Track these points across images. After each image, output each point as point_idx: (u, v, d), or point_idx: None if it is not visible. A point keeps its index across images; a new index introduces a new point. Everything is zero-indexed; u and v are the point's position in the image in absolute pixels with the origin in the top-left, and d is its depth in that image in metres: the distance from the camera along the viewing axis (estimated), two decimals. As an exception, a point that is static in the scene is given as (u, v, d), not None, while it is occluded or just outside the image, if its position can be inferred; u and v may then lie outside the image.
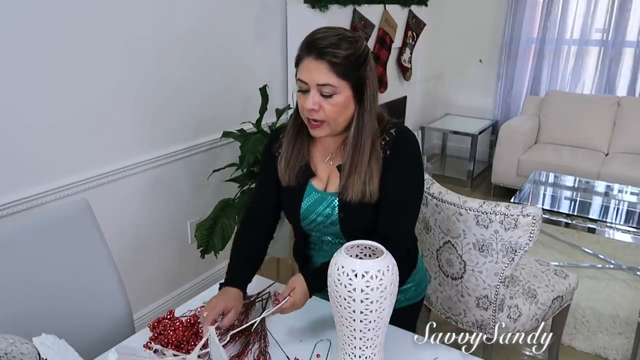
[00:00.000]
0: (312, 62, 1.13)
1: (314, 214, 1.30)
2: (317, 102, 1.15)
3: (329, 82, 1.13)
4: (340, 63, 1.13)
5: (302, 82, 1.16)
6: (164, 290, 2.54)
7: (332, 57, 1.12)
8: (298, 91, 1.19)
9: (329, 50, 1.12)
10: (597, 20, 4.09)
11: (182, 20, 2.32)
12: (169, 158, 2.39)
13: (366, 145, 1.19)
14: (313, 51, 1.14)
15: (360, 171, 1.19)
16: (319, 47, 1.13)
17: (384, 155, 1.22)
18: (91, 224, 1.38)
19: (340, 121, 1.19)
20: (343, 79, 1.14)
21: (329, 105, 1.15)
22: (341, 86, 1.14)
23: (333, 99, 1.15)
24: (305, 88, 1.16)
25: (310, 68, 1.14)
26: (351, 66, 1.14)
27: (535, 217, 1.62)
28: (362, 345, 1.01)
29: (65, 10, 1.86)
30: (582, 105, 4.05)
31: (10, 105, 1.77)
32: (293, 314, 1.30)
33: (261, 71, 2.83)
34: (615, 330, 2.47)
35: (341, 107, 1.16)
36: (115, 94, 2.10)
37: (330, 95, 1.14)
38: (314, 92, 1.15)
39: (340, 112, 1.17)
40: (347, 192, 1.22)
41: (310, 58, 1.14)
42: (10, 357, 0.86)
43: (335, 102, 1.15)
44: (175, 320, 1.19)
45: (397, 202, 1.23)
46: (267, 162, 1.37)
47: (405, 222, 1.26)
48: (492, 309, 1.78)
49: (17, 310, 1.21)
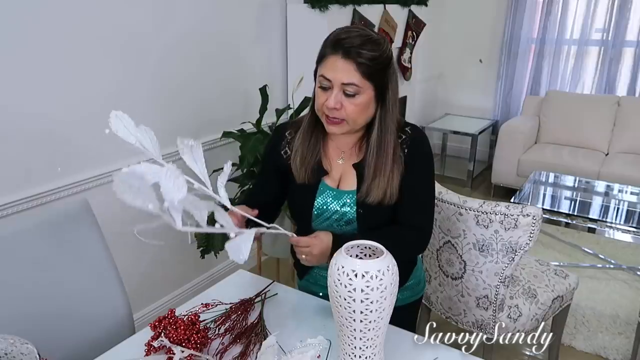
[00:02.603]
0: (338, 61, 1.13)
1: (329, 212, 1.29)
2: (339, 101, 1.15)
3: (354, 82, 1.13)
4: (366, 64, 1.13)
5: (325, 79, 1.16)
6: (164, 290, 2.54)
7: (359, 57, 1.12)
8: (318, 87, 1.19)
9: (356, 50, 1.12)
10: (597, 20, 4.09)
11: (182, 20, 2.32)
12: (169, 158, 2.37)
13: (389, 147, 1.21)
14: (339, 50, 1.13)
15: (385, 174, 1.21)
16: (345, 47, 1.13)
17: (402, 153, 1.24)
18: (91, 224, 1.38)
19: (359, 121, 1.19)
20: (367, 80, 1.14)
21: (350, 104, 1.15)
22: (365, 87, 1.15)
23: (355, 99, 1.15)
24: (327, 85, 1.16)
25: (336, 66, 1.14)
26: (376, 68, 1.14)
27: (535, 217, 1.62)
28: (362, 345, 1.01)
29: (64, 10, 1.86)
30: (582, 105, 4.05)
31: (11, 105, 1.77)
32: (293, 313, 1.31)
33: (261, 71, 2.83)
34: (615, 330, 2.47)
35: (363, 108, 1.17)
36: (115, 94, 2.10)
37: (353, 95, 1.15)
38: (336, 90, 1.15)
39: (360, 113, 1.17)
40: (369, 193, 1.23)
41: (336, 56, 1.14)
42: (10, 357, 0.86)
43: (358, 102, 1.16)
44: (177, 319, 1.19)
45: (418, 198, 1.26)
46: (270, 161, 1.36)
47: (427, 217, 1.29)
48: (492, 309, 1.78)
49: (17, 310, 1.21)
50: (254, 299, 1.35)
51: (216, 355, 1.15)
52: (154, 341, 1.14)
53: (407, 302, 1.43)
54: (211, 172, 2.87)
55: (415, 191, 1.25)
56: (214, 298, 1.35)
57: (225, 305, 1.32)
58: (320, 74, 1.17)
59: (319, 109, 1.20)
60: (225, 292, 1.40)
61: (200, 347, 1.14)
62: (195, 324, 1.18)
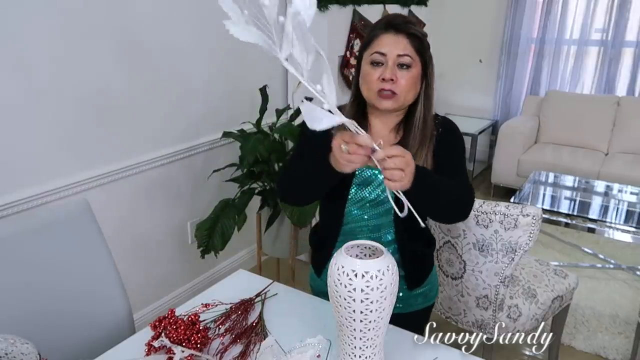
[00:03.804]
0: (391, 37, 1.22)
1: (369, 189, 1.32)
2: (394, 74, 1.21)
3: (407, 53, 1.21)
4: (417, 37, 1.23)
5: (379, 54, 1.22)
6: (164, 290, 2.54)
7: (410, 32, 1.23)
8: (369, 64, 1.24)
9: (407, 25, 1.23)
10: (596, 20, 4.09)
11: (181, 20, 2.32)
12: (169, 158, 2.39)
13: (430, 121, 1.29)
14: (391, 28, 1.23)
15: (423, 151, 1.26)
16: (396, 24, 1.23)
17: (437, 132, 1.30)
18: (91, 224, 1.38)
19: (409, 97, 1.25)
20: (417, 54, 1.23)
21: (403, 77, 1.22)
22: (416, 60, 1.23)
23: (409, 71, 1.22)
24: (381, 60, 1.22)
25: (390, 41, 1.22)
26: (423, 45, 1.25)
27: (535, 217, 1.62)
28: (362, 345, 1.01)
29: (64, 10, 1.86)
30: (582, 105, 4.06)
31: (11, 105, 1.77)
32: (293, 313, 1.30)
33: (261, 71, 2.83)
34: (615, 330, 2.47)
35: (414, 81, 1.24)
36: (116, 95, 2.10)
37: (407, 68, 1.22)
38: (391, 63, 1.21)
39: (411, 87, 1.24)
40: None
41: (389, 34, 1.23)
42: (11, 357, 0.86)
43: (411, 75, 1.22)
44: (177, 319, 1.19)
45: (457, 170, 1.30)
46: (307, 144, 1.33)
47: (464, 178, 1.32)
48: (492, 309, 1.78)
49: (18, 310, 1.21)
50: (254, 299, 1.35)
51: (216, 355, 1.15)
52: (154, 341, 1.14)
53: (419, 307, 1.42)
54: (211, 173, 2.85)
55: (454, 163, 1.31)
56: (214, 298, 1.35)
57: (225, 305, 1.32)
58: (373, 52, 1.23)
59: (370, 87, 1.24)
60: (225, 292, 1.40)
61: (200, 347, 1.14)
62: (195, 324, 1.18)
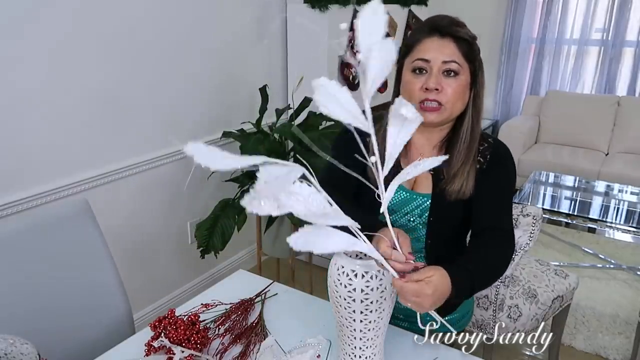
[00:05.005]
0: (436, 41, 1.09)
1: (399, 214, 1.22)
2: (439, 82, 1.08)
3: (454, 59, 1.08)
4: (465, 40, 1.10)
5: (422, 61, 1.09)
6: (164, 290, 2.54)
7: (458, 35, 1.09)
8: (411, 72, 1.12)
9: (453, 28, 1.09)
10: (597, 20, 4.09)
11: (181, 20, 2.32)
12: (169, 158, 2.39)
13: (477, 136, 1.15)
14: (435, 31, 1.10)
15: (466, 168, 1.14)
16: (441, 27, 1.10)
17: (484, 160, 1.17)
18: (91, 224, 1.38)
19: (456, 109, 1.12)
20: (465, 60, 1.10)
21: (449, 86, 1.08)
22: (464, 67, 1.10)
23: (456, 79, 1.09)
24: (425, 67, 1.10)
25: (434, 46, 1.09)
26: (472, 48, 1.11)
27: (536, 217, 1.62)
28: (362, 345, 1.01)
29: (64, 9, 1.86)
30: (582, 105, 4.05)
31: (11, 105, 1.77)
32: (293, 314, 1.30)
33: (261, 71, 2.83)
34: (615, 330, 2.47)
35: (462, 90, 1.11)
36: (116, 95, 2.10)
37: (454, 75, 1.09)
38: (435, 71, 1.08)
39: (459, 97, 1.10)
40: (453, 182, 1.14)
41: (433, 38, 1.10)
42: (10, 357, 0.86)
43: (458, 84, 1.09)
44: (177, 319, 1.19)
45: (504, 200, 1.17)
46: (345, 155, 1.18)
47: (509, 218, 1.18)
48: (492, 309, 1.78)
49: (18, 310, 1.21)
50: (254, 299, 1.35)
51: (216, 355, 1.15)
52: (154, 341, 1.14)
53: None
54: (211, 173, 2.84)
55: (499, 200, 1.16)
56: (214, 298, 1.35)
57: (225, 305, 1.32)
58: (415, 58, 1.11)
59: (412, 98, 1.10)
60: (225, 292, 1.40)
61: (200, 347, 1.14)
62: (195, 324, 1.18)
